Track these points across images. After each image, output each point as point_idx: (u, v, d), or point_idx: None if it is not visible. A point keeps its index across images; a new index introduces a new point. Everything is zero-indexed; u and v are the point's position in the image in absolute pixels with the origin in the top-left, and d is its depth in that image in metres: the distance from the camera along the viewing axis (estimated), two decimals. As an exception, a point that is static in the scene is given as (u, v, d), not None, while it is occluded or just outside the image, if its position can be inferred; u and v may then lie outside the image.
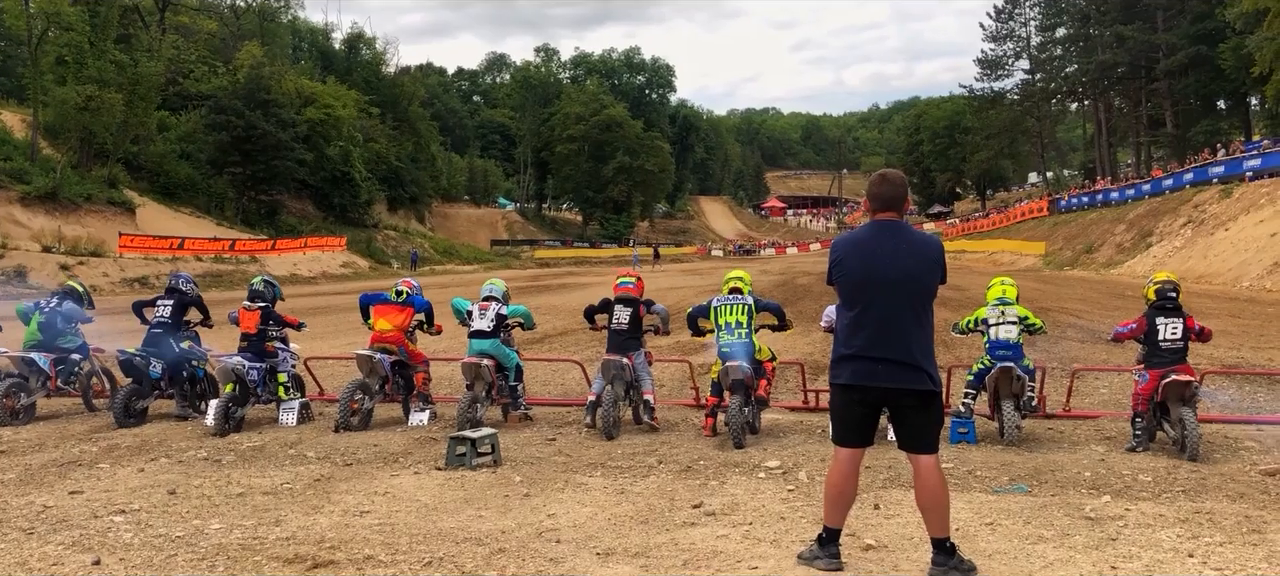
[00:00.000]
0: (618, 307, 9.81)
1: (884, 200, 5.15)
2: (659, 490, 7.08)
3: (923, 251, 5.09)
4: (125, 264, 41.30)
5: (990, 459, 8.03)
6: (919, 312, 5.00)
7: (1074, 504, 6.54)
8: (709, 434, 9.02)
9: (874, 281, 4.99)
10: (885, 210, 5.14)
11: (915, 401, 4.95)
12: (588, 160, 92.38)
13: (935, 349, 5.09)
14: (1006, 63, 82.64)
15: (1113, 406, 10.18)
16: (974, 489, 7.07)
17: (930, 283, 5.08)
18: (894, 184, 5.20)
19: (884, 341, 4.93)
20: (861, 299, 5.03)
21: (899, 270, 4.98)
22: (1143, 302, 9.25)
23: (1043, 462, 7.90)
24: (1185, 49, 58.25)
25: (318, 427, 9.70)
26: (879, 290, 4.98)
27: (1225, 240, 38.80)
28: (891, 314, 4.95)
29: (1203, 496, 6.80)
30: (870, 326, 4.97)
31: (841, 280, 5.14)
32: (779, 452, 8.31)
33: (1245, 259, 35.39)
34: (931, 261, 5.08)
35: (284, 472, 7.78)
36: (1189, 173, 50.60)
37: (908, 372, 4.91)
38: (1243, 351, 15.99)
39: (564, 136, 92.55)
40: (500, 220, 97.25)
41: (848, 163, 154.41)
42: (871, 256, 5.05)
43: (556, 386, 12.80)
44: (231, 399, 9.73)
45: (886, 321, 4.94)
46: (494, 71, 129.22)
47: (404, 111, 79.38)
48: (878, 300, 4.97)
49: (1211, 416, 9.68)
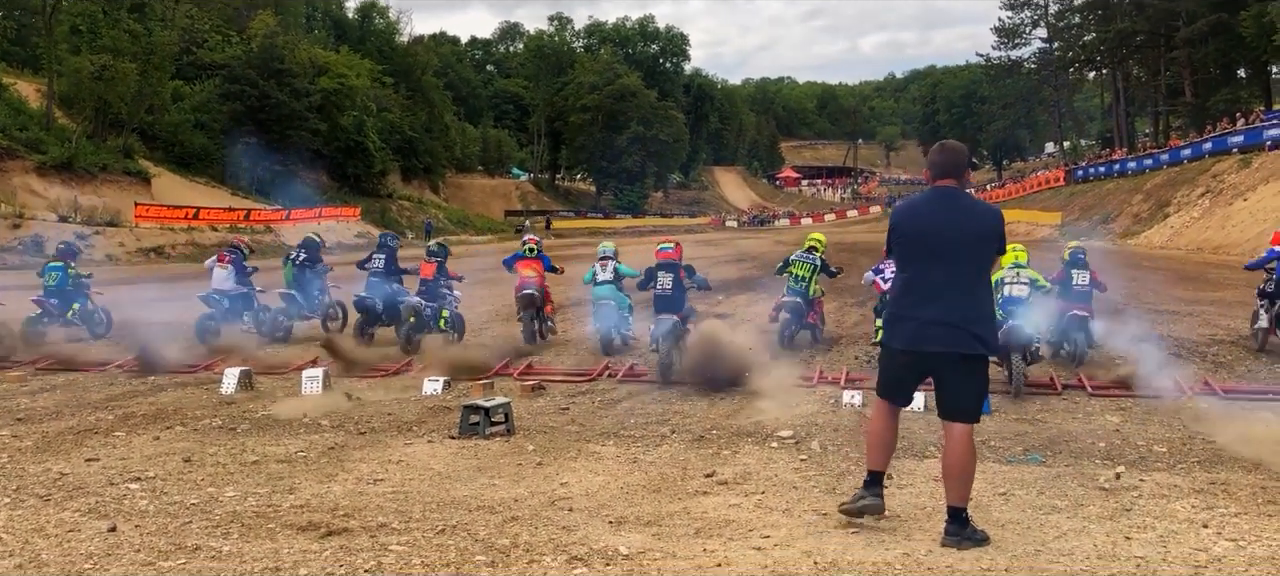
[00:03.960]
0: (660, 274, 11.45)
1: (943, 168, 5.31)
2: (671, 459, 7.10)
3: (981, 219, 5.24)
4: (141, 233, 41.45)
5: (1004, 429, 8.01)
6: (974, 278, 5.13)
7: (1088, 474, 6.53)
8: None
9: (930, 245, 5.14)
10: (944, 177, 5.29)
11: (961, 364, 5.05)
12: (601, 130, 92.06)
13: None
14: (1024, 31, 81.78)
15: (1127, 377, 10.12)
16: (987, 459, 7.05)
17: (986, 250, 5.20)
18: (953, 152, 5.38)
19: (937, 304, 5.06)
20: (916, 262, 5.20)
21: (955, 235, 5.11)
22: (1060, 261, 12.47)
23: (1057, 433, 7.88)
24: (1206, 16, 57.53)
25: (332, 395, 9.74)
26: (935, 254, 5.11)
27: (1244, 210, 38.50)
28: (946, 277, 5.08)
29: (1218, 467, 6.77)
30: (924, 289, 5.12)
31: (899, 243, 5.31)
32: (792, 422, 8.31)
33: (1264, 229, 35.05)
34: (989, 229, 5.21)
35: (298, 441, 7.82)
36: (1208, 142, 50.11)
37: (957, 335, 5.03)
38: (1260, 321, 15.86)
39: (577, 106, 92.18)
40: (514, 190, 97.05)
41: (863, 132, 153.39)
42: (929, 221, 5.21)
43: (570, 356, 12.78)
44: (412, 327, 12.92)
45: (941, 284, 5.08)
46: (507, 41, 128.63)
47: (417, 81, 79.14)
48: (932, 264, 5.11)
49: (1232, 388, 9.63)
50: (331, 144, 62.72)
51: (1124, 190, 54.61)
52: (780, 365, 10.84)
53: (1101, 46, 72.80)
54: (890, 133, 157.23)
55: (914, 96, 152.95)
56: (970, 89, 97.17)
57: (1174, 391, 9.38)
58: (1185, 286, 22.88)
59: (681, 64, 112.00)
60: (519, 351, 12.58)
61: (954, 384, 5.11)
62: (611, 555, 4.91)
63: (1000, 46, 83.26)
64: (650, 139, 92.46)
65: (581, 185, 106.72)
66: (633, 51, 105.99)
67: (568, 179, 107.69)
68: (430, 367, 11.04)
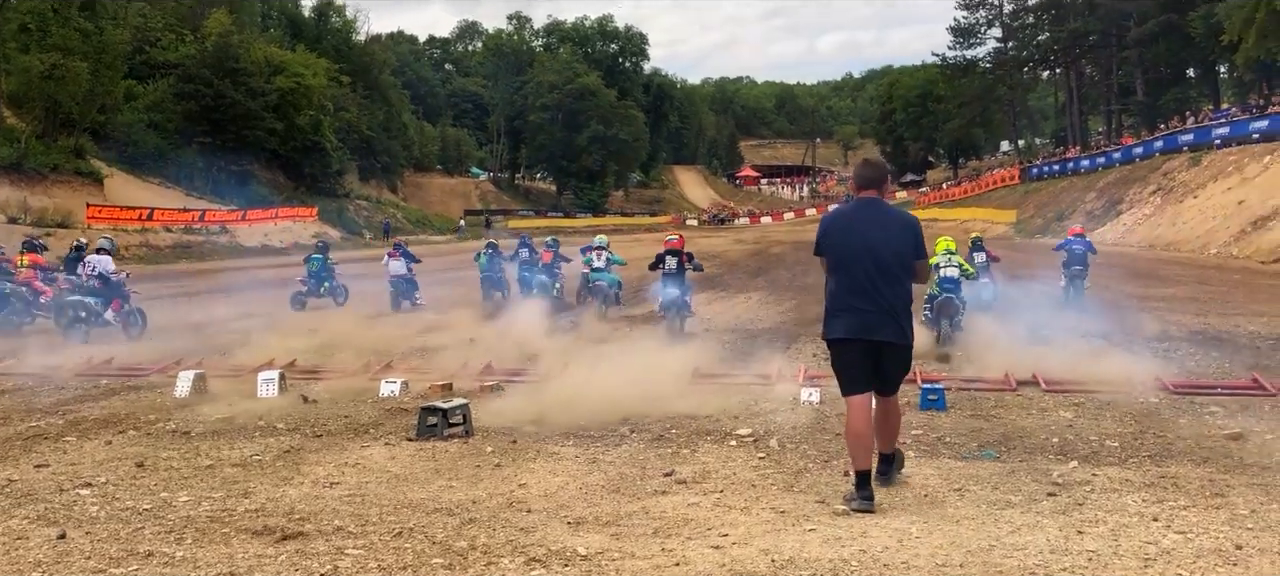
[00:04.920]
0: (668, 258, 14.96)
1: (867, 180, 6.10)
2: (631, 458, 7.10)
3: (899, 224, 6.01)
4: (93, 235, 40.70)
5: (960, 425, 8.09)
6: (897, 276, 5.83)
7: (1042, 469, 6.61)
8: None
9: (858, 248, 5.81)
10: (867, 189, 6.06)
11: (893, 351, 5.84)
12: (561, 129, 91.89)
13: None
14: (979, 31, 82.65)
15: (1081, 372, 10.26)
16: (943, 455, 7.12)
17: (904, 251, 5.88)
18: (877, 167, 6.26)
19: (869, 297, 5.75)
20: (847, 264, 5.84)
21: (878, 238, 5.81)
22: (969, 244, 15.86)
23: (1011, 429, 7.97)
24: (1156, 17, 58.49)
25: (289, 398, 9.65)
26: (863, 256, 5.78)
27: (1194, 207, 39.23)
28: (874, 276, 5.75)
29: (1168, 461, 6.88)
30: (857, 286, 5.78)
31: (830, 249, 5.97)
32: (750, 420, 8.34)
33: (1213, 226, 35.80)
34: (906, 233, 5.94)
35: (253, 444, 7.73)
36: (1159, 140, 51.07)
37: (890, 326, 5.77)
38: (1209, 318, 16.19)
39: (537, 105, 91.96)
40: (473, 190, 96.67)
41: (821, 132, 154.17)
42: (856, 227, 5.92)
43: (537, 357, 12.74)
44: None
45: (870, 282, 5.75)
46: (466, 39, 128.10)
47: (375, 80, 78.56)
48: (862, 265, 5.77)
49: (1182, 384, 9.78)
50: (288, 144, 62.11)
51: (1078, 188, 55.43)
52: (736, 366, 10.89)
53: (1055, 46, 73.91)
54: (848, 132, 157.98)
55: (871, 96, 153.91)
56: (926, 88, 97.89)
57: (1126, 387, 9.51)
58: (1137, 282, 23.27)
59: (641, 63, 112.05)
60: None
61: (888, 366, 5.88)
62: (569, 556, 4.90)
63: (956, 46, 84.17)
64: (610, 138, 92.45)
65: (542, 184, 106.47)
66: (592, 51, 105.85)
67: (528, 178, 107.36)
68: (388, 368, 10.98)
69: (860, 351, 5.83)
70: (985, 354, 11.70)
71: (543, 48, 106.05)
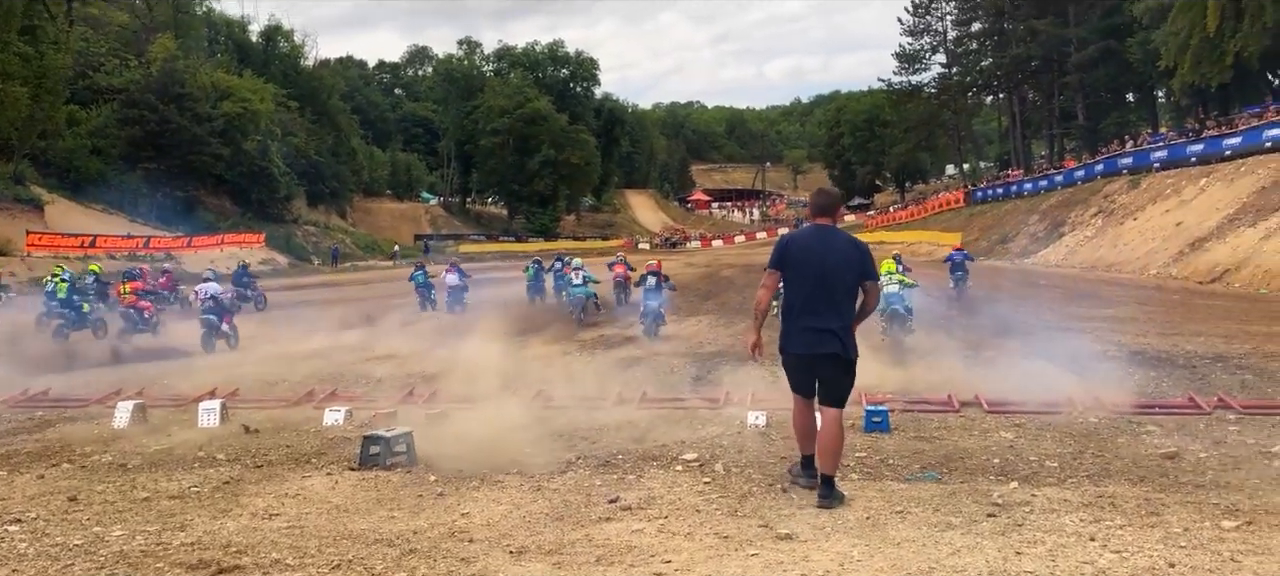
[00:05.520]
0: (649, 277, 18.49)
1: (821, 208, 6.74)
2: (575, 486, 7.05)
3: (850, 251, 6.56)
4: (33, 263, 39.92)
5: (903, 447, 8.15)
6: (844, 297, 6.46)
7: (982, 491, 6.67)
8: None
9: (812, 271, 6.44)
10: (821, 216, 6.70)
11: (836, 364, 6.43)
12: (512, 154, 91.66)
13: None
14: (924, 57, 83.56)
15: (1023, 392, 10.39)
16: (886, 477, 7.16)
17: (853, 275, 6.49)
18: (829, 196, 6.95)
19: (819, 316, 6.39)
20: (802, 284, 6.48)
21: (831, 263, 6.44)
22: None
23: (954, 450, 8.04)
24: (1095, 43, 59.57)
25: (229, 427, 9.49)
26: (816, 278, 6.43)
27: (1134, 229, 39.95)
28: (824, 296, 6.40)
29: (1106, 480, 6.97)
30: (809, 305, 6.43)
31: (787, 270, 6.57)
32: (696, 444, 8.34)
33: (1153, 247, 36.46)
34: (856, 259, 6.54)
35: (192, 476, 7.58)
36: (1100, 164, 52.00)
37: (833, 341, 6.38)
38: (1149, 338, 16.45)
39: (488, 129, 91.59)
40: (423, 214, 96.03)
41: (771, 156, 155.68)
42: (811, 251, 6.52)
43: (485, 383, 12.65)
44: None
45: (821, 302, 6.40)
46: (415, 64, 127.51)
47: (323, 105, 77.92)
48: (814, 285, 6.42)
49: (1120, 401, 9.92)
50: (235, 169, 61.39)
51: (1021, 211, 56.26)
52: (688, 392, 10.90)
53: (998, 72, 74.91)
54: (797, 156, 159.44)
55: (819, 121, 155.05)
56: (873, 113, 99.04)
57: (1066, 407, 9.63)
58: (1079, 303, 23.62)
59: (592, 88, 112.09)
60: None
61: (831, 379, 6.48)
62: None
63: (901, 72, 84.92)
64: (561, 162, 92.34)
65: (493, 209, 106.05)
66: (543, 76, 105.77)
67: (479, 203, 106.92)
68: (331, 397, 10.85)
69: (805, 363, 6.53)
70: (929, 374, 11.81)
71: (493, 72, 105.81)
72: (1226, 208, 34.87)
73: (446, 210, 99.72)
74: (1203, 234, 33.99)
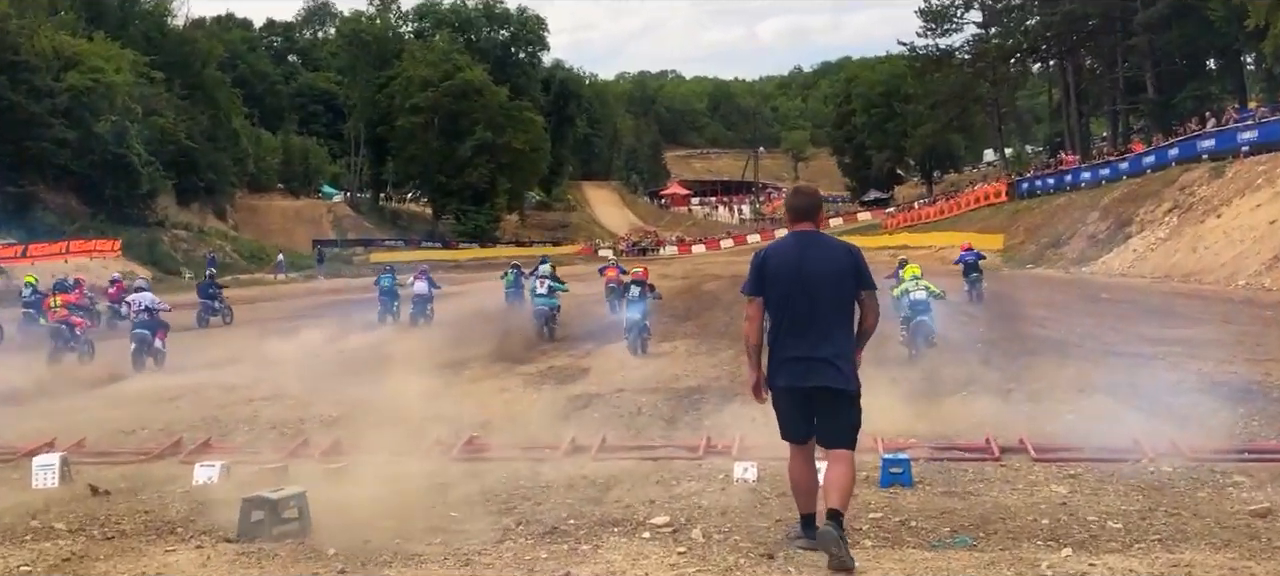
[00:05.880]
0: (633, 287, 21.09)
1: (800, 212, 6.98)
2: (515, 559, 7.02)
3: (839, 258, 6.80)
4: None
5: (929, 505, 8.16)
6: (839, 315, 6.72)
7: (1028, 559, 6.68)
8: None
9: (796, 287, 6.67)
10: (801, 220, 6.94)
11: (833, 398, 6.65)
12: (438, 137, 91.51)
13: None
14: (955, 14, 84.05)
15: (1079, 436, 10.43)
16: (907, 544, 7.17)
17: (847, 286, 6.73)
18: (808, 196, 7.23)
19: (809, 341, 6.61)
20: (786, 304, 6.70)
21: (818, 276, 6.66)
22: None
23: (991, 509, 8.05)
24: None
25: (72, 488, 9.36)
26: (802, 295, 6.65)
27: (1217, 229, 40.31)
28: (814, 317, 6.63)
29: (1182, 545, 7.01)
30: (797, 329, 6.66)
31: (768, 290, 6.79)
32: (669, 505, 8.31)
33: (1241, 251, 36.81)
34: (847, 266, 6.77)
35: (22, 552, 7.48)
36: (1174, 147, 52.43)
37: (828, 371, 6.59)
38: (1236, 365, 16.60)
39: (407, 107, 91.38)
40: (325, 214, 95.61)
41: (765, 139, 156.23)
42: (793, 264, 6.73)
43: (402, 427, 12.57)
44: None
45: (811, 324, 6.63)
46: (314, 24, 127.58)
47: (197, 76, 77.53)
48: (801, 305, 6.65)
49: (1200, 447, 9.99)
50: (83, 158, 60.85)
51: (1077, 206, 56.71)
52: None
53: (1047, 33, 75.10)
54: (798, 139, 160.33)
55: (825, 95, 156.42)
56: (892, 85, 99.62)
57: (1134, 453, 9.69)
58: (1150, 322, 23.83)
59: (539, 54, 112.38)
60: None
61: (830, 415, 6.70)
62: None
63: (927, 33, 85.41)
64: (501, 148, 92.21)
65: (414, 207, 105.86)
66: (476, 38, 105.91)
67: (397, 199, 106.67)
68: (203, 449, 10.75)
69: (797, 399, 6.75)
70: (962, 412, 11.86)
71: (413, 34, 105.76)
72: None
73: (354, 209, 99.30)
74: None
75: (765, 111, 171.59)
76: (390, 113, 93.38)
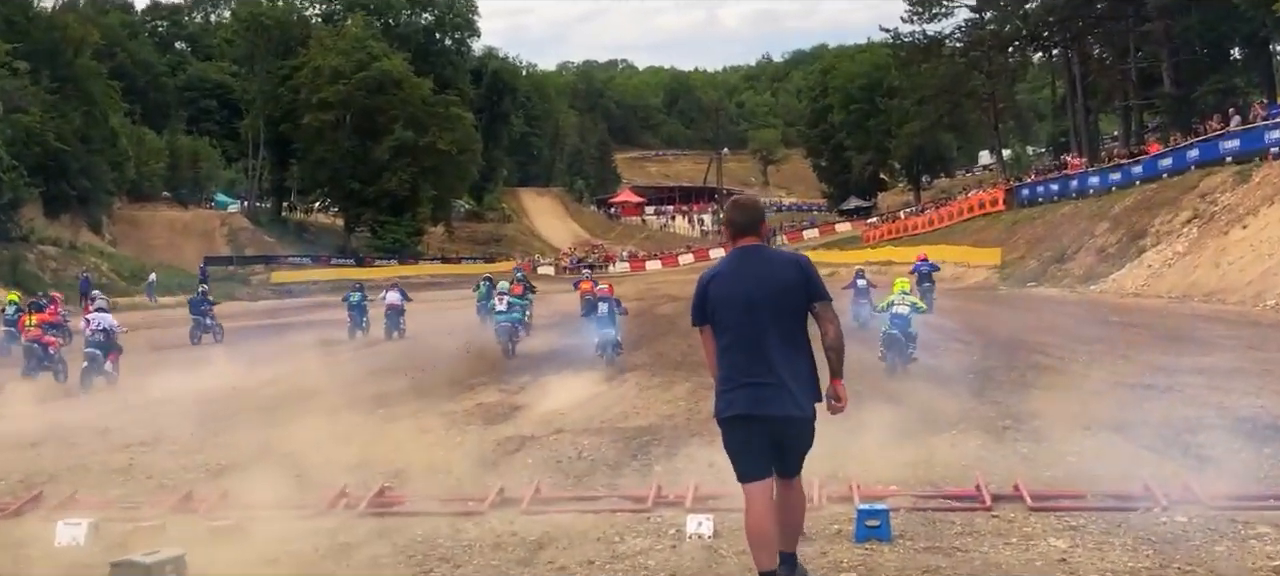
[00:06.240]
0: (600, 304, 24.46)
1: (742, 226, 7.21)
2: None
3: (786, 271, 7.06)
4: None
5: (908, 564, 8.17)
6: (792, 334, 6.95)
7: (1022, 626, 6.71)
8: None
9: (739, 311, 6.93)
10: (744, 235, 7.17)
11: (791, 426, 6.92)
12: (350, 137, 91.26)
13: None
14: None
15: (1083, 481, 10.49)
16: (885, 610, 7.18)
17: (796, 300, 6.99)
18: (748, 209, 7.40)
19: (761, 365, 6.85)
20: (734, 327, 6.94)
21: (764, 293, 6.91)
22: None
23: (980, 566, 8.08)
24: (1186, -24, 60.44)
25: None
26: (749, 316, 6.90)
27: (1243, 242, 40.61)
28: (761, 339, 6.89)
29: (1199, 607, 7.05)
30: (746, 354, 6.90)
31: (713, 314, 7.06)
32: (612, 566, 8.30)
33: (1269, 267, 37.11)
34: (794, 279, 7.02)
35: None
36: (1194, 148, 52.75)
37: (781, 397, 6.84)
38: (1264, 398, 16.74)
39: (314, 102, 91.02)
40: (219, 227, 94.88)
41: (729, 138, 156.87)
42: (737, 283, 7.00)
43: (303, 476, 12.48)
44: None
45: (761, 347, 6.87)
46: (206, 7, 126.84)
47: (68, 67, 76.82)
48: (750, 326, 6.89)
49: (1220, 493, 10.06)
50: (-70, 164, 60.19)
51: (1084, 216, 57.07)
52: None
53: (1050, 18, 75.38)
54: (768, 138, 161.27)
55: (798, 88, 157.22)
56: (874, 78, 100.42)
57: (1144, 501, 9.74)
58: (1166, 349, 23.99)
59: (468, 40, 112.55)
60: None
61: (784, 445, 6.97)
62: None
63: (914, 18, 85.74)
64: (424, 150, 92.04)
65: (323, 218, 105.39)
66: (396, 23, 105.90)
67: (303, 209, 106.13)
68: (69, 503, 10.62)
69: (755, 430, 6.90)
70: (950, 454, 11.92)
71: (322, 19, 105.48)
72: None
73: (253, 220, 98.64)
74: (1341, 249, 34.79)
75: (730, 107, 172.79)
76: (295, 109, 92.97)
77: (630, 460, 12.84)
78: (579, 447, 13.88)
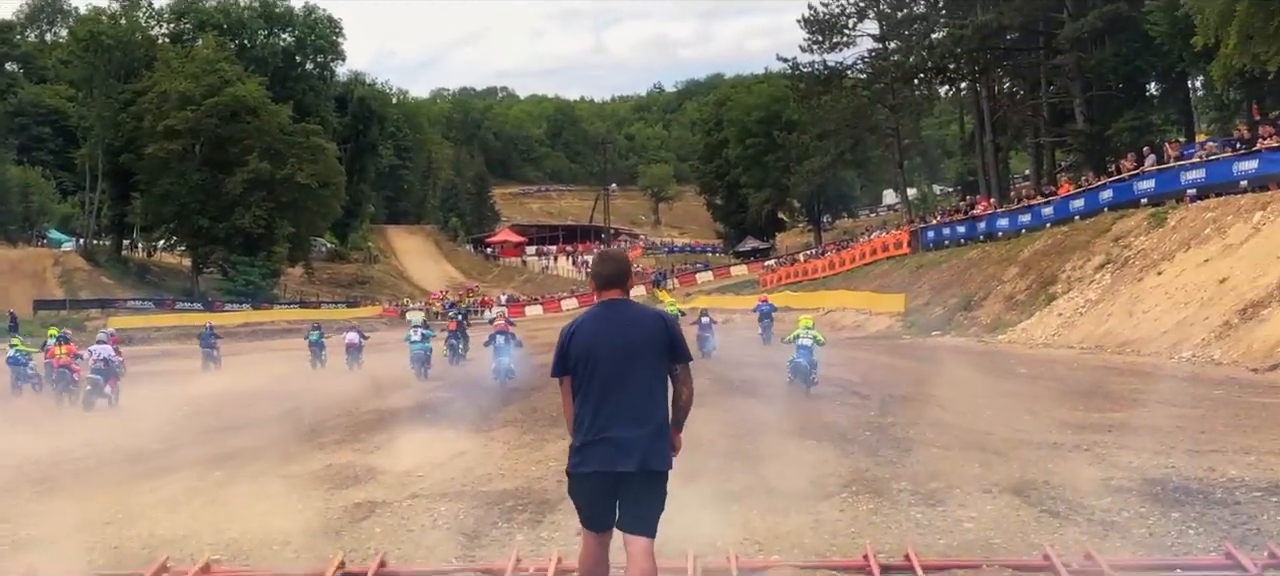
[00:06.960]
0: (498, 337, 31.41)
1: (607, 278, 7.76)
2: None
3: (650, 327, 7.64)
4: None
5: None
6: (649, 389, 7.51)
7: None
8: None
9: (601, 366, 7.47)
10: (609, 288, 7.74)
11: (647, 480, 7.44)
12: (200, 169, 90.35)
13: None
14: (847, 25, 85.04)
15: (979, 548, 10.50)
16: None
17: (658, 356, 7.58)
18: (615, 261, 7.87)
19: (616, 422, 7.40)
20: (595, 381, 7.49)
21: (624, 348, 7.47)
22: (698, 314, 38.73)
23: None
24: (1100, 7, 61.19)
25: None
26: (611, 371, 7.46)
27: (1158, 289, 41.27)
28: (620, 394, 7.42)
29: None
30: (605, 408, 7.43)
31: (574, 367, 7.62)
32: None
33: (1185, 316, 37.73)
34: (659, 336, 7.61)
35: None
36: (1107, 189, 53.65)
37: (636, 453, 7.36)
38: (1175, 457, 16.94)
39: (160, 130, 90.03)
40: (51, 267, 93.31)
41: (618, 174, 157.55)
42: (600, 337, 7.55)
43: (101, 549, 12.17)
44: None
45: (615, 403, 7.43)
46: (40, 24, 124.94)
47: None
48: (610, 381, 7.45)
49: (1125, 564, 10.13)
50: None
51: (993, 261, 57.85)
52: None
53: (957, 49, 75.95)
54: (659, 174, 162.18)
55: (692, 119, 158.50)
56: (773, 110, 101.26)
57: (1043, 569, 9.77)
58: (1075, 404, 24.28)
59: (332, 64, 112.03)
60: None
61: (636, 499, 7.44)
62: None
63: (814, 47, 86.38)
64: (281, 183, 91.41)
65: (169, 258, 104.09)
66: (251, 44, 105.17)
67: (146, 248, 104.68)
68: None
69: (606, 484, 7.45)
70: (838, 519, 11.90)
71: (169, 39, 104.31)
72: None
73: (90, 260, 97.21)
74: (1259, 296, 35.24)
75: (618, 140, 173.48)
76: (138, 137, 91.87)
77: (490, 528, 12.67)
78: (434, 514, 13.68)
